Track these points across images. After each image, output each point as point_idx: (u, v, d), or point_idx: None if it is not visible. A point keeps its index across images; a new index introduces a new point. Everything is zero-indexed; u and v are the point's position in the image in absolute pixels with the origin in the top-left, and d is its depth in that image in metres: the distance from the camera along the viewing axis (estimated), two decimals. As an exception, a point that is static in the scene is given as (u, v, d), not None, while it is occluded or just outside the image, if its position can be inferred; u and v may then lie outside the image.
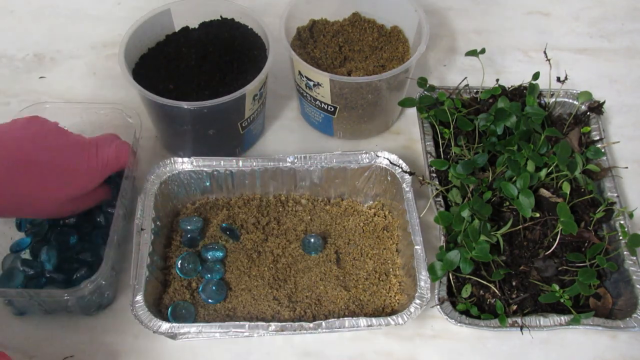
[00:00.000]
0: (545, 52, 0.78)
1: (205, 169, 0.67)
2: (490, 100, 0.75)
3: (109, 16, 0.91)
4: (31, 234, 0.66)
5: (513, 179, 0.64)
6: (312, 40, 0.77)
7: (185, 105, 0.62)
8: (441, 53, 0.89)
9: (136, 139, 0.66)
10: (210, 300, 0.62)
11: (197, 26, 0.73)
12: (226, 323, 0.56)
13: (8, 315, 0.63)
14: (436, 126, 0.71)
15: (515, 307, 0.61)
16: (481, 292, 0.62)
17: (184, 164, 0.66)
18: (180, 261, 0.64)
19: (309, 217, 0.70)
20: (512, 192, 0.62)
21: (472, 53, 0.76)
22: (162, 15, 0.71)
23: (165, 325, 0.56)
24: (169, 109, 0.64)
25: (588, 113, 0.77)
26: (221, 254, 0.65)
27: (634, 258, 0.64)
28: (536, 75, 0.75)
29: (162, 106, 0.63)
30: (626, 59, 0.89)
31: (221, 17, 0.73)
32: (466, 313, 0.60)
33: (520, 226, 0.63)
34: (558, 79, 0.78)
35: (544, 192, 0.66)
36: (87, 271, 0.63)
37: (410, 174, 0.66)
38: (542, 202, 0.65)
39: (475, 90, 0.77)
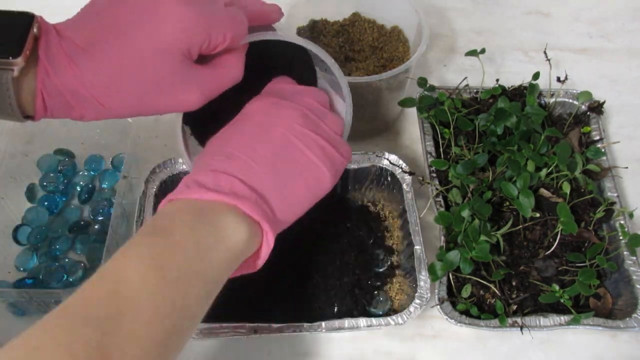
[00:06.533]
0: (545, 52, 0.78)
1: (205, 169, 0.67)
2: (490, 100, 0.75)
3: (109, 16, 0.90)
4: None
5: (513, 179, 0.64)
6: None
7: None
8: (441, 53, 0.89)
9: (133, 137, 0.66)
10: (210, 301, 0.62)
11: (197, 26, 0.73)
12: (226, 323, 0.56)
13: (8, 316, 0.63)
14: (436, 126, 0.71)
15: (515, 307, 0.61)
16: (481, 292, 0.62)
17: (184, 164, 0.66)
18: (180, 261, 0.64)
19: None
20: (512, 192, 0.62)
21: (472, 53, 0.76)
22: (162, 16, 0.71)
23: (165, 326, 0.56)
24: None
25: (588, 113, 0.76)
26: (221, 254, 0.65)
27: (634, 258, 0.64)
28: (536, 75, 0.75)
29: None
30: (626, 59, 0.89)
31: (221, 17, 0.73)
32: (466, 313, 0.60)
33: (520, 226, 0.63)
34: (558, 79, 0.78)
35: (544, 192, 0.66)
36: (86, 273, 0.63)
37: (410, 174, 0.66)
38: (542, 202, 0.65)
39: (475, 90, 0.77)
